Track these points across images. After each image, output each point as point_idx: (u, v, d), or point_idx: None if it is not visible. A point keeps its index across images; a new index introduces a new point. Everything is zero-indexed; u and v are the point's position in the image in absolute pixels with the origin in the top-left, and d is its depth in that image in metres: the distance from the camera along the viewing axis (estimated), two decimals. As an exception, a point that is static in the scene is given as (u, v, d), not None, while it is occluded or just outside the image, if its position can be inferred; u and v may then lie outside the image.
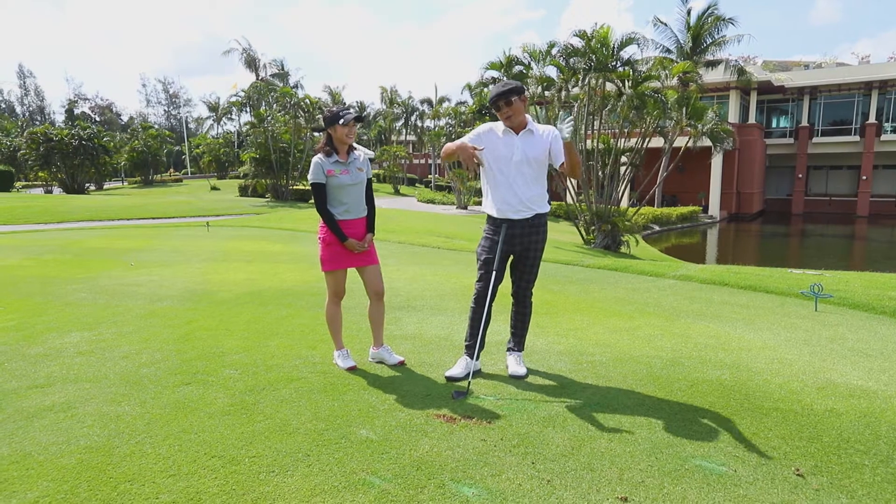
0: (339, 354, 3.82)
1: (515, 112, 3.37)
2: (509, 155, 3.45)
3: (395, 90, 60.98)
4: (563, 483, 2.35)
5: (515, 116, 3.38)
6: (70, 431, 2.85)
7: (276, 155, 29.87)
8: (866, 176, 37.25)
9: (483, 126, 3.59)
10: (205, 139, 57.56)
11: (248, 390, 3.37)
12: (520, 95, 3.38)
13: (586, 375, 3.62)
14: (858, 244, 27.71)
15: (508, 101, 3.35)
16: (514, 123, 3.43)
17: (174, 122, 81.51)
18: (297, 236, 13.73)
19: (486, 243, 3.55)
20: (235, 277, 7.40)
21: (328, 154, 3.64)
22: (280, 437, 2.77)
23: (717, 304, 5.67)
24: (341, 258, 3.72)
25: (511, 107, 3.36)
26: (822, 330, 4.70)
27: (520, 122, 3.43)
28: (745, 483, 2.33)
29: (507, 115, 3.38)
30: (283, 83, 47.40)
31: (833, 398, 3.23)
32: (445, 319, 5.12)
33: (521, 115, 3.40)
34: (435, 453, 2.60)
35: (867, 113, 36.83)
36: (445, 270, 8.26)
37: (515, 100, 3.35)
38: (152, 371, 3.73)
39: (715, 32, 27.17)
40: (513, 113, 3.37)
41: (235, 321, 5.05)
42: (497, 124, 3.58)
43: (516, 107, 3.37)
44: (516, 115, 3.39)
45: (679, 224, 29.48)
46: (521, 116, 3.42)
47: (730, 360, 3.92)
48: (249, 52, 50.77)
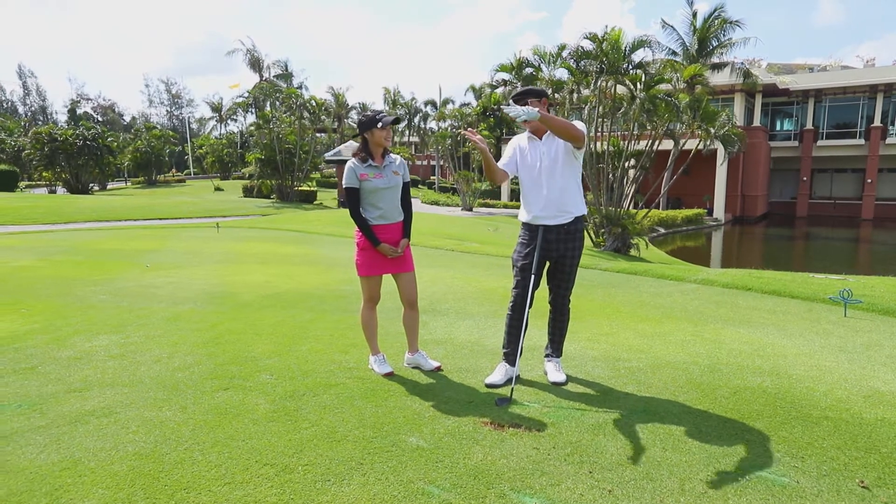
0: (376, 360, 3.79)
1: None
2: (536, 162, 3.44)
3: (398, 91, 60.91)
4: (625, 493, 2.32)
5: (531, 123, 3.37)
6: (116, 437, 2.83)
7: (282, 156, 29.86)
8: (871, 179, 37.18)
9: (510, 144, 3.62)
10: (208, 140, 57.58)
11: (288, 396, 3.34)
12: (539, 99, 3.36)
13: (626, 382, 3.59)
14: (865, 247, 27.66)
15: (525, 103, 3.33)
16: (533, 128, 3.41)
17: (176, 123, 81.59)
18: (307, 238, 13.70)
19: (523, 249, 3.52)
20: (253, 280, 7.37)
21: (363, 159, 3.61)
22: (329, 444, 2.74)
23: (744, 309, 5.63)
24: (376, 264, 3.69)
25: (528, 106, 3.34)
26: (856, 336, 4.67)
27: (540, 128, 3.41)
28: (810, 495, 2.30)
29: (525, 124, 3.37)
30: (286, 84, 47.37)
31: (882, 407, 3.20)
32: (473, 324, 5.09)
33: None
34: (489, 462, 2.57)
35: (872, 116, 36.78)
36: (463, 273, 8.23)
37: (532, 101, 3.33)
38: (187, 375, 3.70)
39: (721, 35, 27.17)
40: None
41: (261, 324, 5.03)
42: (521, 136, 3.57)
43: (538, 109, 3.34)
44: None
45: (684, 227, 29.45)
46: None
47: (768, 366, 3.89)
48: (253, 52, 50.82)
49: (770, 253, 24.87)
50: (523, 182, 3.51)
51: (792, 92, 37.63)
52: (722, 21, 26.68)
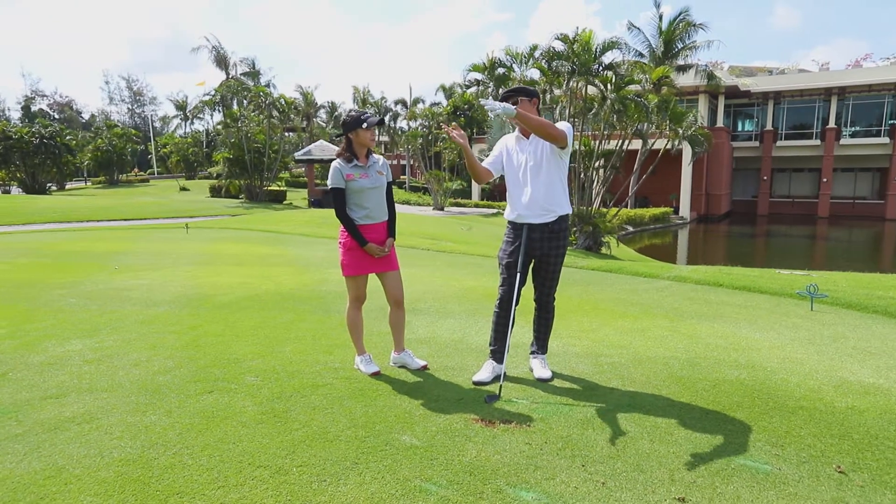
0: (362, 359, 3.79)
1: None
2: (521, 161, 3.49)
3: (367, 90, 60.54)
4: (618, 485, 2.38)
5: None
6: (100, 443, 2.76)
7: (251, 155, 29.34)
8: (826, 178, 38.64)
9: (498, 143, 3.68)
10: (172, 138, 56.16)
11: (276, 398, 3.31)
12: (529, 98, 3.43)
13: (610, 377, 3.67)
14: (822, 244, 28.73)
15: (515, 100, 3.38)
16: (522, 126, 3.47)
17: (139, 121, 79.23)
18: (280, 238, 13.52)
19: (508, 247, 3.57)
20: (229, 281, 7.25)
21: (347, 159, 3.61)
22: (322, 444, 2.73)
23: (717, 305, 5.81)
24: (362, 263, 3.69)
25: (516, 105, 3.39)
26: (823, 329, 4.87)
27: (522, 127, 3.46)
28: (792, 481, 2.40)
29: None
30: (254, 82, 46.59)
31: (851, 396, 3.35)
32: (455, 322, 5.11)
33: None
34: (483, 458, 2.60)
35: (827, 118, 38.20)
36: (441, 273, 8.26)
37: (522, 100, 3.39)
38: (169, 379, 3.63)
39: (686, 38, 27.74)
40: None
41: (241, 326, 4.96)
42: (510, 136, 3.63)
43: (524, 108, 3.40)
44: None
45: (652, 225, 30.08)
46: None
47: (743, 359, 4.03)
48: (219, 49, 49.78)
49: (735, 250, 25.61)
50: (509, 180, 3.56)
51: (752, 94, 38.81)
52: (686, 24, 27.27)
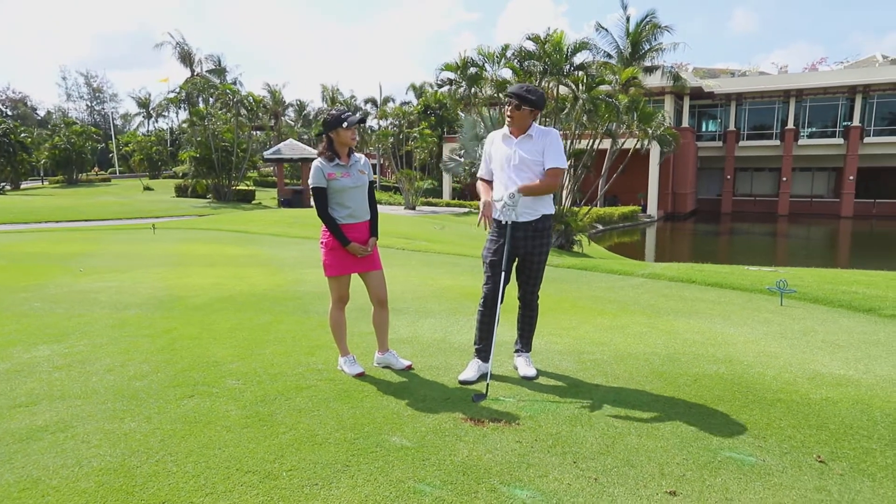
0: (346, 360, 3.74)
1: (517, 118, 3.43)
2: (508, 159, 3.50)
3: (336, 89, 60.01)
4: (610, 480, 2.40)
5: (516, 121, 3.44)
6: (77, 453, 2.66)
7: (218, 154, 28.74)
8: (786, 177, 39.95)
9: (487, 140, 3.68)
10: (135, 136, 54.60)
11: (259, 401, 3.24)
12: (531, 109, 3.43)
13: (594, 374, 3.71)
14: (783, 241, 29.69)
15: (518, 105, 3.40)
16: (514, 126, 3.49)
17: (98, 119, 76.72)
18: (251, 238, 13.28)
19: (492, 246, 3.57)
20: (201, 282, 7.09)
21: (329, 158, 3.56)
22: (311, 448, 2.68)
23: (691, 301, 5.94)
24: (345, 263, 3.64)
25: (517, 110, 3.41)
26: (793, 323, 5.02)
27: (521, 128, 3.48)
28: (776, 472, 2.47)
29: (507, 114, 3.45)
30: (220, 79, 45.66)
31: (825, 387, 3.46)
32: (436, 322, 5.10)
33: (523, 122, 3.46)
34: (475, 457, 2.59)
35: (786, 119, 39.49)
36: (418, 272, 8.23)
37: (524, 109, 3.41)
38: (146, 384, 3.52)
39: (652, 39, 28.34)
40: (514, 118, 3.43)
41: (218, 328, 4.85)
42: (497, 133, 3.64)
43: (521, 114, 3.42)
44: (517, 121, 3.45)
45: (621, 223, 30.59)
46: (524, 124, 3.47)
47: (721, 354, 4.12)
48: (183, 46, 48.59)
49: (702, 248, 26.25)
50: (495, 178, 3.56)
51: (716, 95, 39.83)
52: (653, 26, 27.85)
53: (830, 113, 39.03)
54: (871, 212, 38.59)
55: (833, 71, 40.39)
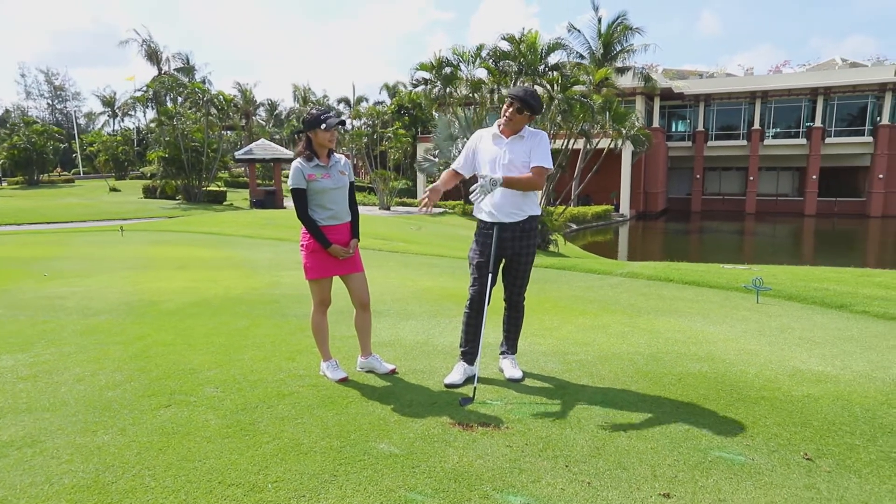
0: (328, 365, 3.65)
1: (515, 121, 3.41)
2: (497, 159, 3.47)
3: (308, 88, 59.46)
4: (603, 484, 2.38)
5: (513, 123, 3.41)
6: (47, 469, 2.52)
7: (188, 154, 28.10)
8: (753, 177, 40.95)
9: (472, 139, 3.63)
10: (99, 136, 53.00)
11: (240, 409, 3.14)
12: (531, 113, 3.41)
13: (579, 375, 3.70)
14: (752, 239, 30.43)
15: (520, 108, 3.37)
16: (507, 127, 3.46)
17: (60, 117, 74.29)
18: (224, 240, 13.00)
19: (479, 247, 3.54)
20: (173, 286, 6.89)
21: (308, 158, 3.48)
22: (296, 458, 2.60)
23: (670, 300, 5.99)
24: (326, 266, 3.56)
25: (518, 113, 3.38)
26: (770, 321, 5.10)
27: (513, 129, 3.46)
28: (766, 471, 2.48)
29: (505, 114, 3.41)
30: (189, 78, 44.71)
31: (805, 384, 3.51)
32: (417, 324, 5.04)
33: (519, 125, 3.44)
34: (466, 463, 2.55)
35: (752, 120, 40.49)
36: (397, 273, 8.15)
37: (526, 113, 3.39)
38: (119, 394, 3.38)
39: (624, 41, 28.68)
40: (511, 119, 3.40)
41: (193, 334, 4.70)
42: (486, 131, 3.60)
43: (521, 117, 3.40)
44: (515, 123, 3.42)
45: (594, 223, 30.94)
46: (519, 127, 3.45)
47: (702, 352, 4.16)
48: (150, 43, 47.40)
49: (674, 246, 26.71)
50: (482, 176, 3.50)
51: (685, 96, 40.60)
52: (624, 27, 28.20)
53: (794, 114, 40.14)
54: (832, 210, 39.80)
55: (796, 73, 41.56)
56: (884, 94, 37.11)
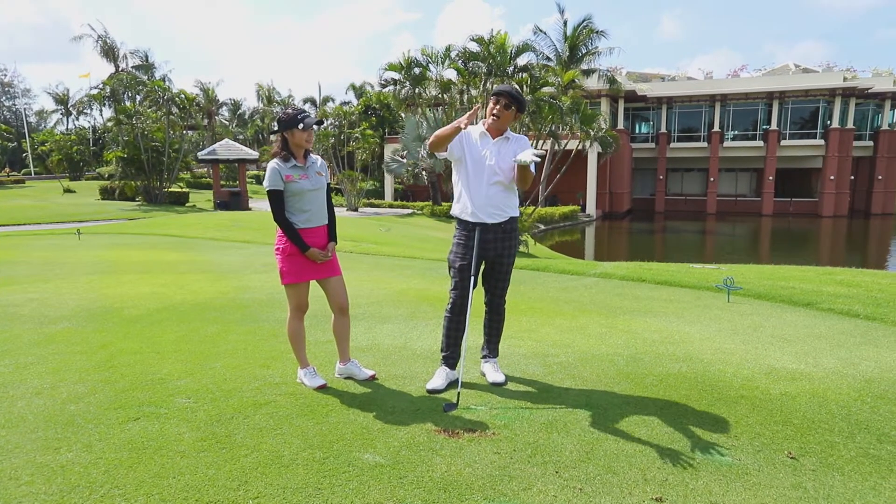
0: (306, 373, 3.54)
1: (503, 118, 3.36)
2: (483, 158, 3.42)
3: (272, 87, 58.52)
4: (595, 489, 2.35)
5: (501, 121, 3.37)
6: (5, 493, 2.35)
7: (148, 154, 27.22)
8: (713, 178, 42.10)
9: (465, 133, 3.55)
10: (52, 135, 51.02)
11: (215, 421, 3.00)
12: (517, 111, 3.39)
13: (562, 378, 3.67)
14: (714, 238, 31.26)
15: (508, 104, 3.33)
16: (495, 126, 3.41)
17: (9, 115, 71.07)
18: (189, 243, 12.61)
19: (460, 249, 3.48)
20: (137, 291, 6.62)
21: (285, 159, 3.37)
22: (277, 471, 2.49)
23: (645, 300, 6.05)
24: (303, 270, 3.45)
25: (506, 111, 3.34)
26: (742, 319, 5.20)
27: (500, 129, 3.42)
28: (753, 471, 2.49)
29: (492, 112, 3.36)
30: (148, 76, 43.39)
31: (782, 382, 3.57)
32: (394, 328, 4.95)
33: (505, 124, 3.40)
34: (455, 472, 2.48)
35: (712, 122, 41.62)
36: (369, 276, 8.03)
37: (512, 109, 3.35)
38: (83, 408, 3.20)
39: (589, 43, 29.12)
40: (501, 118, 3.35)
41: (160, 341, 4.51)
42: (473, 129, 3.54)
43: (508, 115, 3.36)
44: (502, 121, 3.38)
45: (562, 223, 31.26)
46: (505, 126, 3.41)
47: (680, 352, 4.19)
48: (106, 39, 45.80)
49: (640, 245, 27.21)
50: (464, 176, 3.43)
51: (648, 98, 41.47)
52: (589, 30, 28.62)
53: (751, 117, 41.44)
54: (788, 210, 41.24)
55: (753, 78, 42.91)
56: (834, 99, 38.63)
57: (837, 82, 38.24)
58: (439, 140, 3.32)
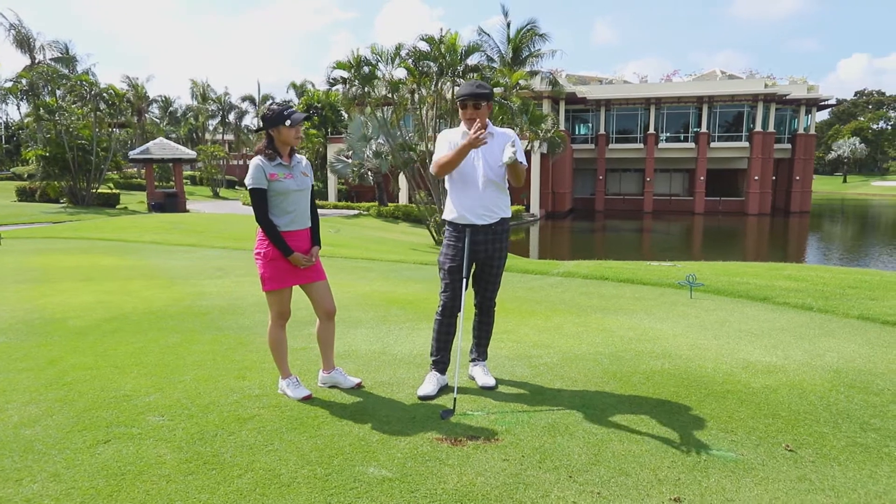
0: (289, 383, 3.35)
1: (480, 117, 3.27)
2: (470, 159, 3.34)
3: (207, 85, 56.22)
4: (612, 493, 2.31)
5: (480, 121, 3.28)
6: (-34, 533, 2.07)
7: (74, 153, 25.47)
8: (649, 178, 43.86)
9: (443, 136, 3.44)
10: (-41, 131, 47.10)
11: (196, 439, 2.78)
12: (488, 102, 3.31)
13: (551, 379, 3.65)
14: (652, 235, 32.51)
15: (478, 104, 3.25)
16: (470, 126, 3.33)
17: None
18: (128, 247, 11.86)
19: (450, 251, 3.39)
20: (80, 300, 6.13)
21: (270, 157, 3.18)
22: (279, 491, 2.32)
23: (612, 298, 6.15)
24: (286, 275, 3.26)
25: (478, 111, 3.26)
26: (708, 315, 5.36)
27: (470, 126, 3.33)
28: (758, 466, 2.53)
29: (469, 117, 3.26)
30: (69, 69, 40.70)
31: (760, 376, 3.68)
32: (368, 332, 4.80)
33: (485, 120, 3.31)
34: (467, 482, 2.39)
35: (648, 124, 43.34)
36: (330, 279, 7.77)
37: (484, 105, 3.27)
38: (41, 431, 2.89)
39: (532, 46, 29.71)
40: (478, 117, 3.26)
41: (116, 354, 4.18)
42: (455, 130, 3.45)
43: (481, 112, 3.28)
44: (481, 120, 3.29)
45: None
46: (485, 121, 3.33)
47: (658, 349, 4.26)
48: (20, 28, 42.61)
49: (585, 243, 27.94)
50: (455, 179, 3.34)
51: (588, 101, 42.70)
52: (532, 33, 29.19)
53: (683, 120, 43.46)
54: (717, 208, 43.50)
55: (684, 82, 44.95)
56: (756, 104, 41.07)
57: (759, 88, 40.65)
58: (449, 164, 3.22)
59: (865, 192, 73.81)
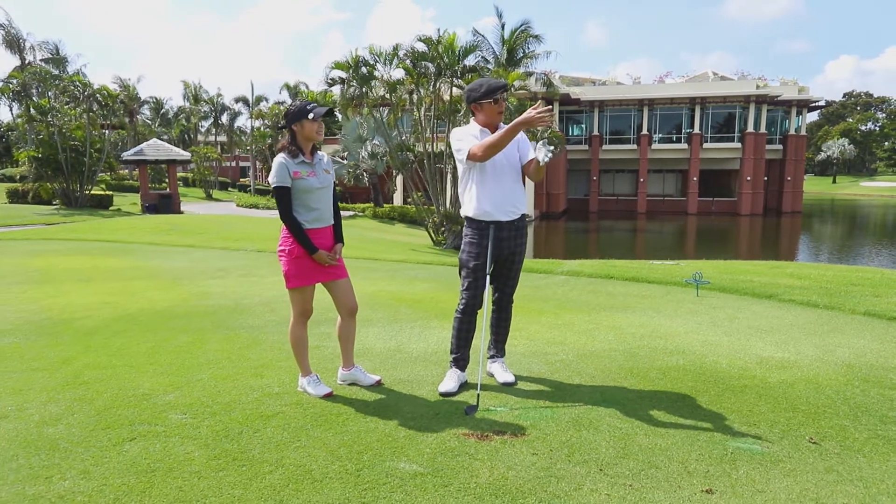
0: (309, 381, 3.35)
1: (504, 109, 3.33)
2: (504, 152, 3.33)
3: (199, 86, 55.92)
4: (643, 485, 2.33)
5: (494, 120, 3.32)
6: (2, 530, 2.06)
7: (67, 154, 25.25)
8: (643, 178, 44.07)
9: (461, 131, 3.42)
10: (-52, 133, 46.56)
11: (222, 437, 2.77)
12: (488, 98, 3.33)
13: (568, 375, 3.67)
14: (647, 236, 32.67)
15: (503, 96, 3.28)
16: (497, 122, 3.36)
17: None
18: (126, 248, 11.78)
19: (473, 249, 3.38)
20: (84, 301, 6.09)
21: (293, 154, 3.18)
22: (311, 486, 2.32)
23: (619, 296, 6.19)
24: (310, 272, 3.26)
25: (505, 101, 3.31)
26: (717, 312, 5.40)
27: (498, 122, 3.37)
28: (785, 458, 2.56)
29: (500, 111, 3.30)
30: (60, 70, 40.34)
31: (775, 371, 3.72)
32: (381, 331, 4.81)
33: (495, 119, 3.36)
34: (499, 476, 2.40)
35: (641, 125, 43.57)
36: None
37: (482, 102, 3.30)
38: (64, 430, 2.87)
39: (526, 47, 29.72)
40: (503, 109, 3.31)
41: (130, 354, 4.16)
42: (469, 127, 3.44)
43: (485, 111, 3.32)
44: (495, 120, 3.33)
45: (503, 223, 31.69)
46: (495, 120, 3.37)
47: (672, 346, 4.29)
48: (10, 29, 42.20)
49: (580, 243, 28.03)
50: (490, 174, 3.30)
51: (582, 102, 42.86)
52: (526, 34, 29.16)
53: (676, 121, 43.71)
54: (710, 209, 43.79)
55: (677, 84, 45.22)
56: (748, 105, 41.40)
57: (751, 90, 40.98)
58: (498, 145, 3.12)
59: (855, 193, 74.59)
